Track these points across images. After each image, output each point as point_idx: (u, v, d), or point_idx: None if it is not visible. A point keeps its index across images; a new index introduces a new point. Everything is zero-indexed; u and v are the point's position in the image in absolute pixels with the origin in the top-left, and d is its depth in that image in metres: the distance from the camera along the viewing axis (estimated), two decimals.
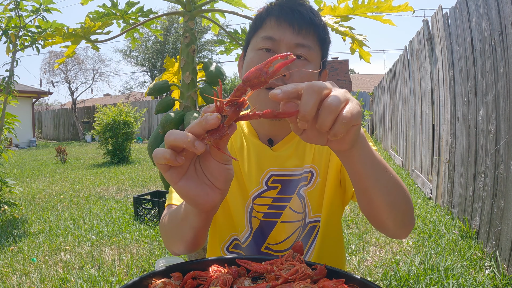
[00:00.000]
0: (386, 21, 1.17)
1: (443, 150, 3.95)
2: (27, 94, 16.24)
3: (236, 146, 0.93)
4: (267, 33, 0.82)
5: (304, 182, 0.88)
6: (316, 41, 0.82)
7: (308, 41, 0.81)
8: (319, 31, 0.83)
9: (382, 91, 10.37)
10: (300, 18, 0.80)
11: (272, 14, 0.83)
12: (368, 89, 22.74)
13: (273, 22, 0.82)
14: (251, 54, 0.85)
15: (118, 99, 26.98)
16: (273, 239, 0.88)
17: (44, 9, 3.75)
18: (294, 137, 0.91)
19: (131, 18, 1.81)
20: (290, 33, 0.80)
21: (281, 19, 0.81)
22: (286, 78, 0.80)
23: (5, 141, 4.27)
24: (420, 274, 2.37)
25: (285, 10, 0.81)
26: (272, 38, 0.81)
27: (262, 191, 0.88)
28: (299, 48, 0.80)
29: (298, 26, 0.80)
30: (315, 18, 0.82)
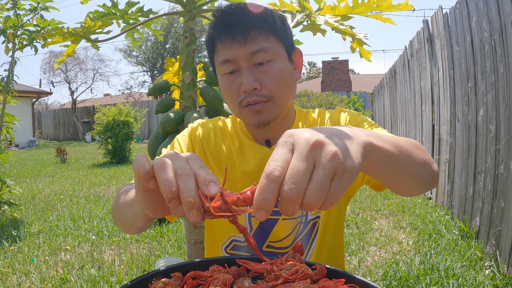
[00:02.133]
0: (386, 20, 1.17)
1: (443, 150, 3.95)
2: (27, 94, 16.24)
3: (234, 149, 0.92)
4: (221, 57, 0.82)
5: None
6: (266, 36, 0.80)
7: (259, 44, 0.79)
8: (262, 27, 0.80)
9: (382, 91, 10.37)
10: (237, 28, 0.79)
11: (215, 35, 0.82)
12: (368, 89, 22.74)
13: (219, 44, 0.82)
14: (220, 80, 0.86)
15: (118, 99, 26.97)
16: (275, 236, 0.88)
17: (42, 8, 3.75)
18: None
19: (131, 18, 1.81)
20: (239, 48, 0.79)
21: (223, 39, 0.80)
22: (257, 90, 0.80)
23: (4, 141, 4.26)
24: (420, 274, 2.37)
25: (222, 29, 0.80)
26: (228, 60, 0.81)
27: None
28: (255, 56, 0.79)
29: (242, 37, 0.79)
30: (249, 18, 0.80)
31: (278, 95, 0.82)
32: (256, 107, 0.81)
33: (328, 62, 21.05)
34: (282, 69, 0.81)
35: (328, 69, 20.94)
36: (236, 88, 0.82)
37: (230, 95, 0.83)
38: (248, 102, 0.80)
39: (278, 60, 0.81)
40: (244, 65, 0.80)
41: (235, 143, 0.93)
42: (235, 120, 0.97)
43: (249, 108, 0.81)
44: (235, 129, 0.95)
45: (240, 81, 0.81)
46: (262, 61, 0.80)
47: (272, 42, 0.81)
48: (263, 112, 0.82)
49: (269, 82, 0.80)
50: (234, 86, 0.82)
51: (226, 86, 0.83)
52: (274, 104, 0.82)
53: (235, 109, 0.85)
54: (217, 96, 1.77)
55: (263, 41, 0.80)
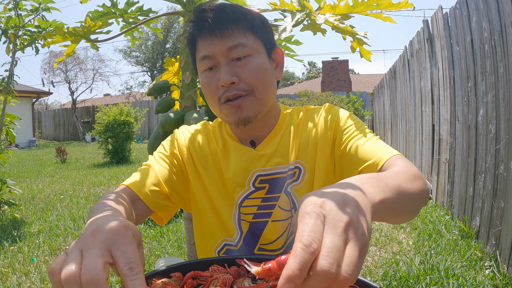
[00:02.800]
0: (386, 18, 1.16)
1: (443, 150, 3.95)
2: (27, 94, 16.24)
3: (218, 148, 0.91)
4: (201, 53, 0.83)
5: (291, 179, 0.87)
6: (244, 32, 0.81)
7: (237, 39, 0.80)
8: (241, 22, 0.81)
9: (382, 91, 10.37)
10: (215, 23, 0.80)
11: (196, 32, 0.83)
12: (368, 89, 22.75)
13: (199, 39, 0.83)
14: (200, 78, 0.86)
15: (118, 99, 26.97)
16: (266, 238, 0.87)
17: (44, 9, 3.75)
18: (276, 135, 0.90)
19: (131, 17, 1.81)
20: (218, 43, 0.80)
21: (203, 33, 0.81)
22: (236, 85, 0.80)
23: (4, 141, 4.26)
24: (420, 274, 2.37)
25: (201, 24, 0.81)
26: (206, 56, 0.81)
27: (249, 193, 0.87)
28: (232, 51, 0.80)
29: (220, 32, 0.80)
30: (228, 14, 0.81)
31: (258, 88, 0.82)
32: (237, 103, 0.80)
33: (328, 62, 21.05)
34: (260, 64, 0.82)
35: (328, 69, 20.94)
36: (215, 84, 0.82)
37: (209, 92, 0.83)
38: (228, 96, 0.80)
39: (255, 56, 0.82)
40: (222, 60, 0.80)
41: (219, 144, 0.92)
42: (220, 123, 0.97)
43: (229, 104, 0.81)
44: (220, 131, 0.94)
45: (219, 76, 0.81)
46: (239, 55, 0.80)
47: (249, 39, 0.82)
48: (243, 108, 0.81)
49: (247, 76, 0.80)
50: (213, 82, 0.82)
51: (205, 83, 0.83)
52: (254, 98, 0.82)
53: (215, 106, 0.84)
54: None
55: (240, 36, 0.81)
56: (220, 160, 0.90)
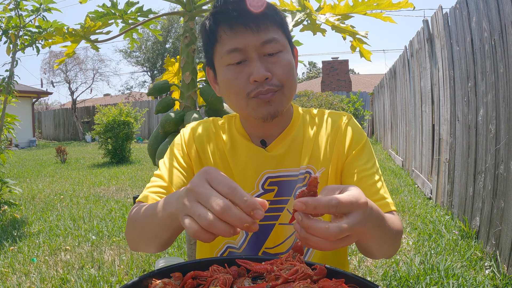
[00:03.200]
0: (386, 18, 1.16)
1: (443, 150, 3.95)
2: (27, 94, 16.25)
3: (225, 148, 0.89)
4: (228, 45, 0.78)
5: (301, 184, 0.86)
6: (276, 28, 0.80)
7: (271, 34, 0.78)
8: (274, 17, 0.80)
9: (382, 91, 10.37)
10: (252, 15, 0.77)
11: (222, 22, 0.78)
12: (368, 89, 22.75)
13: (228, 31, 0.78)
14: (223, 72, 0.81)
15: (118, 99, 26.98)
16: (271, 241, 0.86)
17: (45, 9, 3.75)
18: (287, 135, 0.89)
19: (131, 18, 1.81)
20: (251, 36, 0.77)
21: (234, 25, 0.77)
22: (269, 80, 0.78)
23: (5, 141, 4.26)
24: (420, 274, 2.37)
25: (233, 14, 0.77)
26: (237, 49, 0.77)
27: (258, 195, 0.86)
28: (266, 45, 0.78)
29: (255, 25, 0.77)
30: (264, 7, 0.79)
31: (288, 85, 0.80)
32: (267, 97, 0.78)
33: (328, 62, 21.06)
34: (290, 61, 0.81)
35: (328, 69, 20.94)
36: (244, 78, 0.78)
37: (236, 87, 0.79)
38: (260, 91, 0.78)
39: (285, 52, 0.81)
40: (254, 54, 0.77)
41: (228, 143, 0.90)
42: (230, 120, 0.94)
43: (260, 98, 0.79)
44: (230, 128, 0.92)
45: (249, 71, 0.78)
46: (272, 51, 0.78)
47: (280, 35, 0.80)
48: (272, 102, 0.79)
49: (279, 72, 0.79)
50: (242, 76, 0.78)
51: (232, 77, 0.79)
52: (283, 94, 0.80)
53: (241, 101, 0.80)
54: (217, 96, 1.77)
55: (274, 31, 0.79)
56: (228, 160, 0.89)
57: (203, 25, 0.84)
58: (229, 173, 0.88)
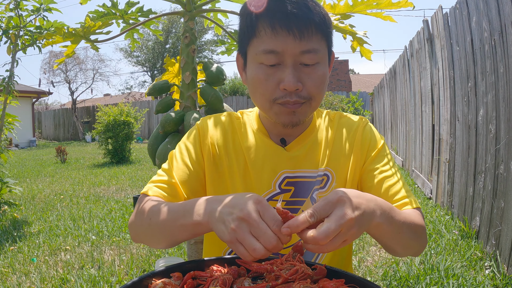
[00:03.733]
0: (386, 17, 1.16)
1: (443, 150, 3.95)
2: (27, 94, 16.24)
3: (243, 144, 0.87)
4: (266, 45, 0.74)
5: (318, 186, 0.85)
6: (320, 38, 0.76)
7: (313, 44, 0.74)
8: (321, 26, 0.74)
9: (382, 91, 10.37)
10: (298, 20, 0.72)
11: (264, 18, 0.74)
12: (368, 89, 22.74)
13: (268, 31, 0.73)
14: (254, 68, 0.78)
15: (118, 99, 26.97)
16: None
17: (45, 9, 3.75)
18: (308, 136, 0.88)
19: (131, 18, 1.81)
20: (292, 41, 0.72)
21: (276, 27, 0.72)
22: (299, 91, 0.76)
23: (5, 141, 4.27)
24: (420, 274, 2.37)
25: (278, 14, 0.72)
26: (274, 51, 0.74)
27: (274, 194, 0.85)
28: (305, 55, 0.74)
29: (299, 32, 0.72)
30: (313, 14, 0.73)
31: (316, 98, 0.79)
32: (294, 107, 0.77)
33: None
34: (324, 74, 0.79)
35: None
36: (275, 83, 0.76)
37: (264, 89, 0.77)
38: (288, 101, 0.76)
39: (322, 64, 0.78)
40: (290, 61, 0.74)
41: (245, 141, 0.88)
42: (248, 115, 0.92)
43: (285, 107, 0.77)
44: (247, 124, 0.90)
45: (281, 76, 0.75)
46: (309, 63, 0.75)
47: (322, 46, 0.77)
48: (297, 113, 0.78)
49: (311, 85, 0.76)
50: (272, 80, 0.76)
51: (262, 78, 0.76)
52: (309, 106, 0.79)
53: (265, 103, 0.79)
54: (217, 96, 1.77)
55: (317, 42, 0.75)
56: (245, 157, 0.87)
57: (244, 11, 0.78)
58: (245, 170, 0.86)
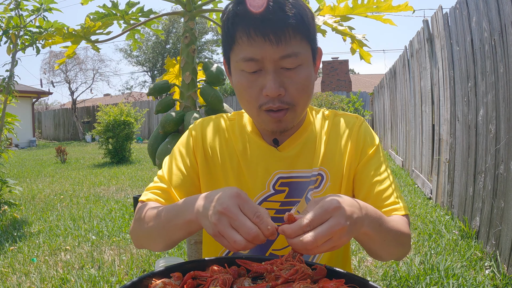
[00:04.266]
0: (386, 20, 1.17)
1: (443, 150, 3.95)
2: (27, 94, 16.24)
3: (236, 146, 0.87)
4: (245, 53, 0.73)
5: (313, 186, 0.84)
6: (300, 40, 0.73)
7: (292, 48, 0.72)
8: (299, 27, 0.72)
9: (382, 91, 10.37)
10: (273, 26, 0.70)
11: (240, 26, 0.72)
12: (368, 89, 22.74)
13: (245, 38, 0.72)
14: (237, 75, 0.78)
15: (118, 99, 26.97)
16: (279, 243, 0.85)
17: (45, 9, 3.75)
18: (301, 136, 0.87)
19: (132, 19, 1.81)
20: (269, 48, 0.71)
21: (252, 34, 0.71)
22: (282, 97, 0.75)
23: (5, 141, 4.27)
24: (420, 274, 2.38)
25: (253, 21, 0.70)
26: (253, 59, 0.73)
27: (269, 195, 0.85)
28: (285, 60, 0.72)
29: (275, 37, 0.70)
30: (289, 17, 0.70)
31: (300, 103, 0.78)
32: (278, 116, 0.77)
33: (328, 62, 21.04)
34: (308, 76, 0.77)
35: (328, 69, 20.94)
36: (258, 89, 0.75)
37: (248, 95, 0.77)
38: (271, 107, 0.76)
39: (305, 66, 0.76)
40: (270, 67, 0.73)
41: (239, 142, 0.88)
42: (240, 116, 0.92)
43: (270, 116, 0.77)
44: (240, 125, 0.90)
45: (263, 82, 0.74)
46: (290, 66, 0.74)
47: (304, 47, 0.75)
48: (283, 121, 0.78)
49: (293, 90, 0.75)
50: (255, 86, 0.76)
51: (245, 84, 0.76)
52: (294, 112, 0.78)
53: (253, 111, 0.79)
54: (217, 96, 1.77)
55: (296, 45, 0.73)
56: (239, 159, 0.87)
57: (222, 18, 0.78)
58: (239, 172, 0.86)
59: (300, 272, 0.59)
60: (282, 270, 0.60)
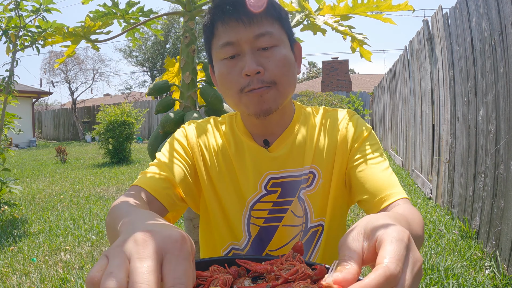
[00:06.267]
0: (386, 19, 1.16)
1: (443, 150, 3.95)
2: (27, 94, 16.25)
3: (231, 152, 0.88)
4: (222, 39, 0.77)
5: (305, 184, 0.84)
6: (272, 22, 0.78)
7: (265, 27, 0.76)
8: (270, 10, 0.78)
9: (382, 91, 10.37)
10: (245, 8, 0.75)
11: (217, 16, 0.78)
12: (368, 89, 22.75)
13: (221, 25, 0.77)
14: (218, 66, 0.80)
15: (118, 99, 26.98)
16: (275, 244, 0.85)
17: (44, 9, 3.75)
18: (289, 135, 0.87)
19: (132, 18, 1.81)
20: (243, 29, 0.75)
21: (226, 20, 0.76)
22: (261, 75, 0.76)
23: (5, 141, 4.27)
24: None
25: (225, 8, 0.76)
26: (229, 42, 0.76)
27: (261, 196, 0.84)
28: (259, 39, 0.76)
29: (247, 18, 0.75)
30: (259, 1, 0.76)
31: (281, 82, 0.78)
32: (260, 91, 0.76)
33: (328, 62, 21.05)
34: (286, 56, 0.78)
35: (328, 69, 20.94)
36: (237, 73, 0.77)
37: (229, 81, 0.78)
38: (252, 88, 0.76)
39: (282, 46, 0.78)
40: (247, 48, 0.76)
41: (231, 144, 0.88)
42: (231, 119, 0.92)
43: (252, 93, 0.77)
44: (231, 128, 0.90)
45: (242, 65, 0.76)
46: (266, 45, 0.76)
47: (276, 28, 0.78)
48: (265, 100, 0.77)
49: (272, 67, 0.76)
50: (235, 71, 0.77)
51: (225, 71, 0.78)
52: (277, 91, 0.78)
53: (234, 96, 0.79)
54: (217, 96, 1.77)
55: (268, 25, 0.77)
56: (232, 160, 0.87)
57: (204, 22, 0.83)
58: (232, 173, 0.87)
59: (300, 272, 0.59)
60: (282, 270, 0.60)
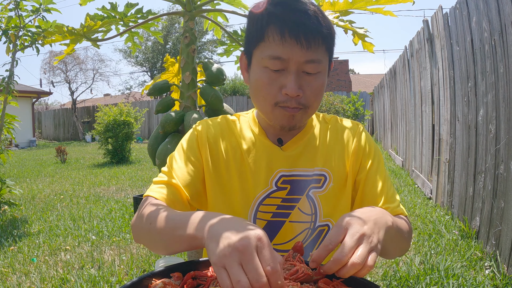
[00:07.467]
0: (387, 12, 1.16)
1: (443, 150, 3.95)
2: (27, 94, 16.24)
3: (242, 146, 0.90)
4: (273, 51, 0.77)
5: (315, 185, 0.88)
6: (324, 51, 0.80)
7: (318, 55, 0.78)
8: (328, 41, 0.79)
9: (382, 91, 10.37)
10: (307, 31, 0.75)
11: (273, 24, 0.77)
12: (368, 89, 22.74)
13: (277, 37, 0.76)
14: (258, 71, 0.81)
15: (118, 99, 26.97)
16: (281, 238, 0.88)
17: (44, 9, 3.75)
18: (304, 137, 0.91)
19: (131, 21, 1.80)
20: (299, 50, 0.76)
21: (285, 35, 0.75)
22: (299, 98, 0.79)
23: (5, 141, 4.27)
24: (420, 274, 2.37)
25: (288, 22, 0.75)
26: (280, 58, 0.77)
27: (271, 192, 0.88)
28: (308, 65, 0.78)
29: (306, 42, 0.75)
30: (322, 26, 0.76)
31: (313, 106, 0.83)
32: (293, 111, 0.81)
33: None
34: (323, 84, 0.83)
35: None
36: (277, 87, 0.79)
37: (267, 93, 0.81)
38: (287, 106, 0.80)
39: (323, 74, 0.82)
40: (294, 68, 0.78)
41: (244, 142, 0.91)
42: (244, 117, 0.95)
43: (286, 111, 0.81)
44: (244, 125, 0.93)
45: (283, 82, 0.79)
46: (311, 71, 0.79)
47: (325, 57, 0.81)
48: (295, 118, 0.83)
49: (310, 93, 0.80)
50: (275, 84, 0.79)
51: (266, 81, 0.80)
52: (306, 113, 0.83)
53: (267, 106, 0.82)
54: (217, 96, 1.77)
55: (321, 53, 0.79)
56: (243, 157, 0.89)
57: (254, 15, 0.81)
58: (243, 170, 0.89)
59: (300, 272, 0.59)
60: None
